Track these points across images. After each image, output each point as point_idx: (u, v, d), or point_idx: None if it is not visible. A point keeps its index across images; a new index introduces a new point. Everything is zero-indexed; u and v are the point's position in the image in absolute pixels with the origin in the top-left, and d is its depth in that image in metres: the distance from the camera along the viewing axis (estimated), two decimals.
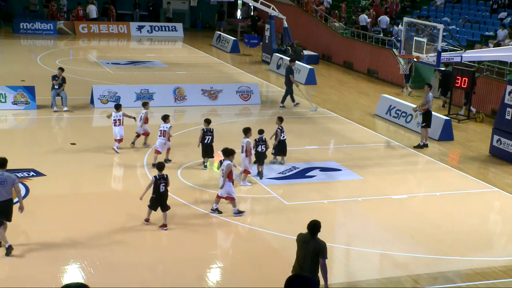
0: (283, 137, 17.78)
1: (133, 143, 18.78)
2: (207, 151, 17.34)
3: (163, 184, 13.56)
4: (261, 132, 17.07)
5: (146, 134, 19.00)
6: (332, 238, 14.08)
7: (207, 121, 17.52)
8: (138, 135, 18.85)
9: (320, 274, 9.87)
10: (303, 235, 10.07)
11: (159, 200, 13.60)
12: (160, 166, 13.82)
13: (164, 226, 13.62)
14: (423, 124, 20.26)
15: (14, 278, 11.43)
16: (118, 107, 18.82)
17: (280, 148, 17.88)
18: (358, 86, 29.88)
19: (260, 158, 16.93)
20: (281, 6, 36.33)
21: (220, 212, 14.48)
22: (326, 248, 9.93)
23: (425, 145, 20.21)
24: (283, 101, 24.90)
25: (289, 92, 24.77)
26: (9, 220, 12.27)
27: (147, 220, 13.79)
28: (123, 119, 18.47)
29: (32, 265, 11.92)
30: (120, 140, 18.38)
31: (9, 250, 12.16)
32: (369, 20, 34.57)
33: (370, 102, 25.97)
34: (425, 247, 13.50)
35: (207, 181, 16.60)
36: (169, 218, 13.87)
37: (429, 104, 20.17)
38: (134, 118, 18.86)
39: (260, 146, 16.84)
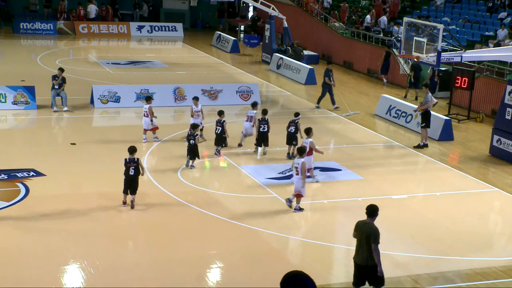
0: (263, 128, 18.44)
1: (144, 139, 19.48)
2: (219, 140, 18.40)
3: (133, 167, 14.11)
4: (264, 112, 18.74)
5: (155, 128, 19.49)
6: (332, 238, 14.08)
7: (220, 113, 18.72)
8: (145, 131, 19.46)
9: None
10: (361, 221, 10.69)
11: (129, 182, 14.17)
12: (131, 150, 14.48)
13: (132, 206, 14.29)
14: (422, 125, 20.27)
15: (14, 278, 11.43)
16: (148, 99, 19.59)
17: (260, 139, 18.51)
18: (358, 86, 29.87)
19: (262, 138, 18.26)
20: (281, 6, 36.34)
21: (302, 210, 14.81)
22: (378, 234, 10.35)
23: (425, 145, 20.21)
24: (318, 101, 24.85)
25: (324, 94, 24.62)
26: None
27: (124, 202, 14.46)
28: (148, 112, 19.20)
29: (32, 265, 11.92)
30: (145, 131, 19.42)
31: None
32: (373, 20, 34.56)
33: (370, 102, 25.96)
34: (425, 247, 13.50)
35: (207, 181, 16.60)
36: (169, 218, 13.89)
37: (428, 104, 20.18)
38: (155, 117, 19.50)
39: (262, 126, 18.32)
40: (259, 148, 18.82)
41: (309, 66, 30.12)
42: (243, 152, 19.33)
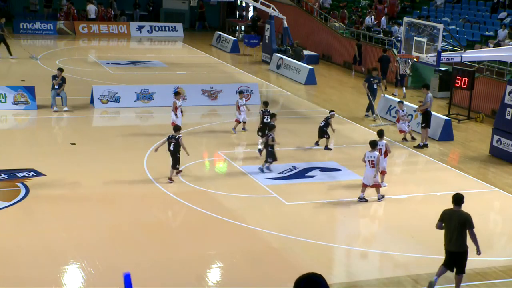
0: (267, 119, 19.03)
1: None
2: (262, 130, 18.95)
3: (173, 143, 15.73)
4: (266, 104, 19.91)
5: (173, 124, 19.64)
6: (332, 238, 14.09)
7: (265, 103, 19.88)
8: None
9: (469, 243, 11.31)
10: (448, 210, 11.42)
11: (171, 156, 15.82)
12: (175, 128, 16.23)
13: (169, 179, 15.91)
14: (422, 125, 20.27)
15: (14, 278, 11.43)
16: (176, 94, 20.34)
17: (264, 129, 18.86)
18: (358, 86, 29.84)
19: (265, 128, 18.55)
20: (281, 6, 36.34)
21: (366, 200, 15.47)
22: (471, 218, 11.21)
23: (425, 145, 20.21)
24: (372, 110, 23.65)
25: (369, 99, 23.49)
26: None
27: (169, 178, 15.99)
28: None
29: (32, 265, 11.92)
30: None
31: None
32: (375, 22, 34.53)
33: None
34: (425, 247, 13.49)
35: (207, 181, 16.60)
36: (169, 218, 13.89)
37: (427, 105, 20.19)
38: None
39: (266, 117, 19.11)
40: (262, 139, 19.09)
41: (309, 66, 30.12)
42: (243, 152, 19.35)
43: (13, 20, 39.76)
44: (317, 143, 19.79)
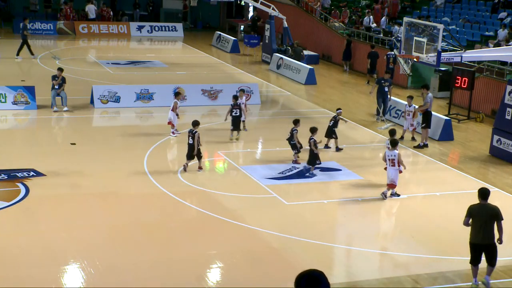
0: (235, 113, 19.78)
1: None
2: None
3: (191, 137, 16.79)
4: (235, 97, 20.36)
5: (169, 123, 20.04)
6: (332, 238, 14.09)
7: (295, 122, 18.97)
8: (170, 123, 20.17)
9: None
10: (475, 205, 11.82)
11: (188, 149, 16.83)
12: (193, 123, 17.06)
13: (199, 168, 17.06)
14: (423, 125, 20.28)
15: (14, 278, 11.43)
16: (236, 98, 20.55)
17: (233, 124, 19.89)
18: (358, 86, 29.86)
19: (234, 123, 19.72)
20: (281, 6, 36.33)
21: (398, 195, 15.88)
22: (500, 211, 11.67)
23: (425, 145, 20.21)
24: (382, 113, 23.40)
25: (377, 102, 23.33)
26: None
27: (184, 168, 16.89)
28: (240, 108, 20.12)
29: (32, 265, 11.92)
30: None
31: None
32: (373, 22, 34.52)
33: (370, 102, 25.92)
34: (425, 247, 13.50)
35: (207, 181, 16.60)
36: (169, 218, 13.87)
37: (427, 105, 20.19)
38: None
39: (234, 111, 19.76)
40: (234, 133, 19.93)
41: (309, 66, 30.11)
42: (243, 152, 19.35)
43: (13, 20, 39.76)
44: (327, 146, 19.63)
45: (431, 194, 16.69)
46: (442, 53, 20.90)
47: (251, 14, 44.43)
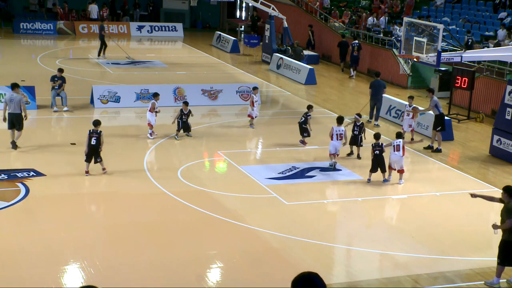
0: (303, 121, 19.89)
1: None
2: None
3: (95, 137, 16.05)
4: (186, 103, 20.31)
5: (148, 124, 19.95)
6: (332, 238, 14.09)
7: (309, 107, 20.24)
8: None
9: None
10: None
11: (91, 152, 16.08)
12: (95, 123, 16.43)
13: (103, 169, 16.35)
14: (438, 128, 20.07)
15: (14, 278, 11.43)
16: (155, 95, 20.48)
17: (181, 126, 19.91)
18: (358, 86, 29.87)
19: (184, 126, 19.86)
20: (281, 6, 36.34)
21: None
22: (510, 211, 11.81)
23: (438, 150, 20.00)
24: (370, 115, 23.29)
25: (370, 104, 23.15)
26: (21, 128, 18.18)
27: (86, 172, 16.23)
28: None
29: (32, 265, 11.92)
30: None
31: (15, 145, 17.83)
32: (375, 22, 34.52)
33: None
34: (425, 247, 13.50)
35: (207, 181, 16.60)
36: (169, 218, 13.85)
37: (430, 109, 20.15)
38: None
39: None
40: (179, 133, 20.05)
41: (309, 66, 30.12)
42: (243, 152, 19.34)
43: (13, 20, 39.77)
44: (351, 153, 19.10)
45: (431, 194, 16.70)
46: (442, 53, 20.90)
47: (251, 14, 44.41)
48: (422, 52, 21.23)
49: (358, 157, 18.94)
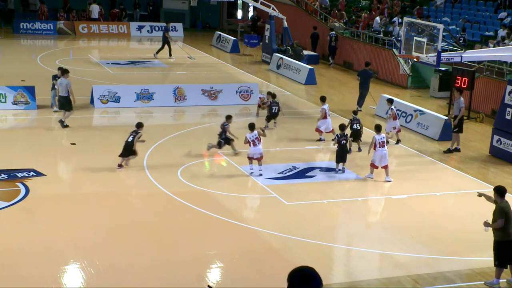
0: (274, 110, 21.24)
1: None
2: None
3: (132, 135, 16.88)
4: (274, 95, 21.82)
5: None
6: (332, 238, 14.09)
7: (273, 95, 21.80)
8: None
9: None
10: (506, 203, 11.89)
11: (125, 147, 16.84)
12: (137, 125, 17.37)
13: (120, 165, 16.84)
14: (455, 129, 20.09)
15: (14, 278, 11.43)
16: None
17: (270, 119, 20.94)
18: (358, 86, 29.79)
19: (272, 116, 21.27)
20: (281, 6, 36.33)
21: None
22: (502, 210, 11.64)
23: (457, 150, 20.03)
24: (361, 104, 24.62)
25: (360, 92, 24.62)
26: (71, 109, 20.46)
27: (119, 165, 16.83)
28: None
29: (32, 265, 11.92)
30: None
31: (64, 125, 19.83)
32: (382, 21, 34.48)
33: (370, 102, 25.93)
34: (425, 247, 13.50)
35: (207, 181, 16.60)
36: (169, 218, 13.86)
37: (463, 110, 20.13)
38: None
39: (274, 108, 21.27)
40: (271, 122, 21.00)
41: (309, 66, 30.12)
42: (243, 152, 19.33)
43: (13, 20, 39.76)
44: (359, 149, 19.46)
45: (431, 194, 16.69)
46: (442, 53, 20.90)
47: (250, 14, 44.42)
48: (422, 52, 21.23)
49: (359, 149, 19.33)
